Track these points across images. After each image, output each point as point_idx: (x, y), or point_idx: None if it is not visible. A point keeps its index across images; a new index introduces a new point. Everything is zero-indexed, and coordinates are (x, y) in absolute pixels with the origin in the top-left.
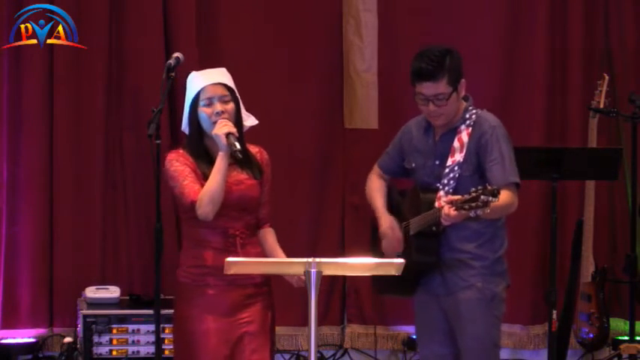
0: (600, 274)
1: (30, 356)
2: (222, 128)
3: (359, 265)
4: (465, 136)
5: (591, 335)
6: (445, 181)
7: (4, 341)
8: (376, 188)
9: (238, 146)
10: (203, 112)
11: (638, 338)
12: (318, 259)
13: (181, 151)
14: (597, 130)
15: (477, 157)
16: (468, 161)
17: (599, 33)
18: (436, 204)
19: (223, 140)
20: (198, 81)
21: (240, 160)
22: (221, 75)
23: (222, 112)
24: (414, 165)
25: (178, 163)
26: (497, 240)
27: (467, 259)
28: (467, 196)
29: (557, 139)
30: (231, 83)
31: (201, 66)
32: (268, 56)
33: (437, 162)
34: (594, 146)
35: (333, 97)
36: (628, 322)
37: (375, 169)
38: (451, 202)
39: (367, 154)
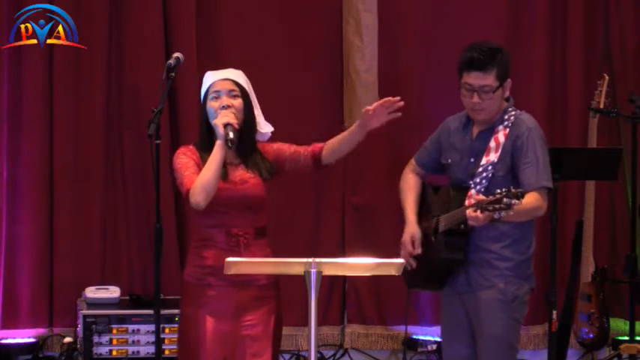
0: (600, 274)
1: (30, 356)
2: (221, 119)
3: (359, 265)
4: (501, 136)
5: (591, 335)
6: (477, 180)
7: (4, 341)
8: (410, 187)
9: (232, 136)
10: (211, 105)
11: (638, 338)
12: (318, 259)
13: (191, 146)
14: (597, 130)
15: (511, 159)
16: (502, 162)
17: (599, 33)
18: (466, 202)
19: (220, 130)
20: (209, 77)
21: (247, 159)
22: (234, 73)
23: (229, 106)
24: (449, 161)
25: (184, 157)
26: (524, 242)
27: (492, 259)
28: (491, 198)
29: (557, 140)
30: (242, 81)
31: (201, 66)
32: (268, 56)
33: (472, 159)
34: (594, 146)
35: (333, 97)
36: (628, 322)
37: (411, 163)
38: (476, 205)
39: (367, 154)
